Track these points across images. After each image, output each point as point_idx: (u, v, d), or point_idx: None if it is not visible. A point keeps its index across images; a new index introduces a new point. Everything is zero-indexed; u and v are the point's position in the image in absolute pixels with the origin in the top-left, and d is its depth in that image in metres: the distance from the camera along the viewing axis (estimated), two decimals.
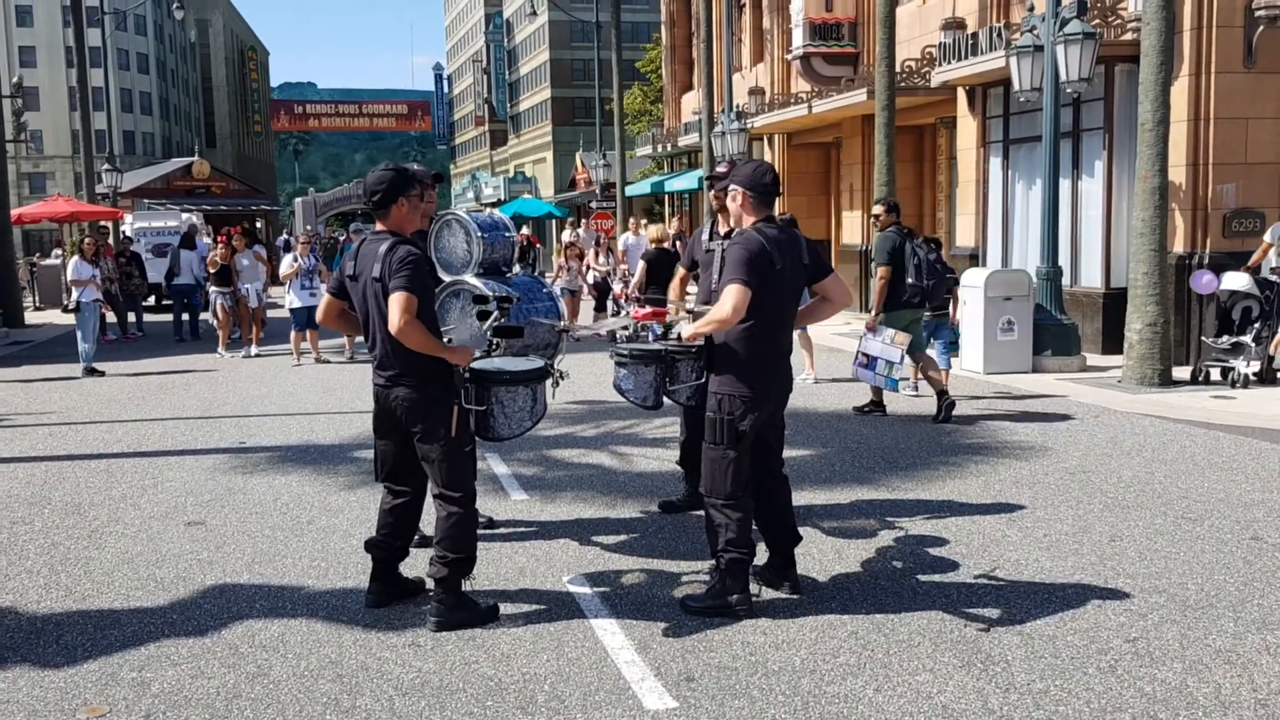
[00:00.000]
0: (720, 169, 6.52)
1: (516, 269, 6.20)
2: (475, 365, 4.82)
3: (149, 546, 5.86)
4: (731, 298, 4.49)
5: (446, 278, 5.61)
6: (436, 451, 4.68)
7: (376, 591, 5.00)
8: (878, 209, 9.73)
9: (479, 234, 5.53)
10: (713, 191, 6.38)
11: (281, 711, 3.96)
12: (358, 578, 5.40)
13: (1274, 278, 10.54)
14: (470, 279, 5.48)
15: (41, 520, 6.64)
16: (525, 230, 37.22)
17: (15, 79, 32.89)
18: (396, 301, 4.43)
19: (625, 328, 5.94)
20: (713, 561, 4.88)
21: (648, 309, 5.43)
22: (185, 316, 18.57)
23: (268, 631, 4.73)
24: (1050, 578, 5.23)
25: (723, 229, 6.40)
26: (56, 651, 4.55)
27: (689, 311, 5.44)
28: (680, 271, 6.95)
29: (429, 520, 5.13)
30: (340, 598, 5.15)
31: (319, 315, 5.11)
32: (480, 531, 6.14)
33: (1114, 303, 13.07)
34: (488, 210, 6.10)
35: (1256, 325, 10.47)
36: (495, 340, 4.87)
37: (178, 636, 4.68)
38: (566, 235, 27.97)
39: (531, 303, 5.52)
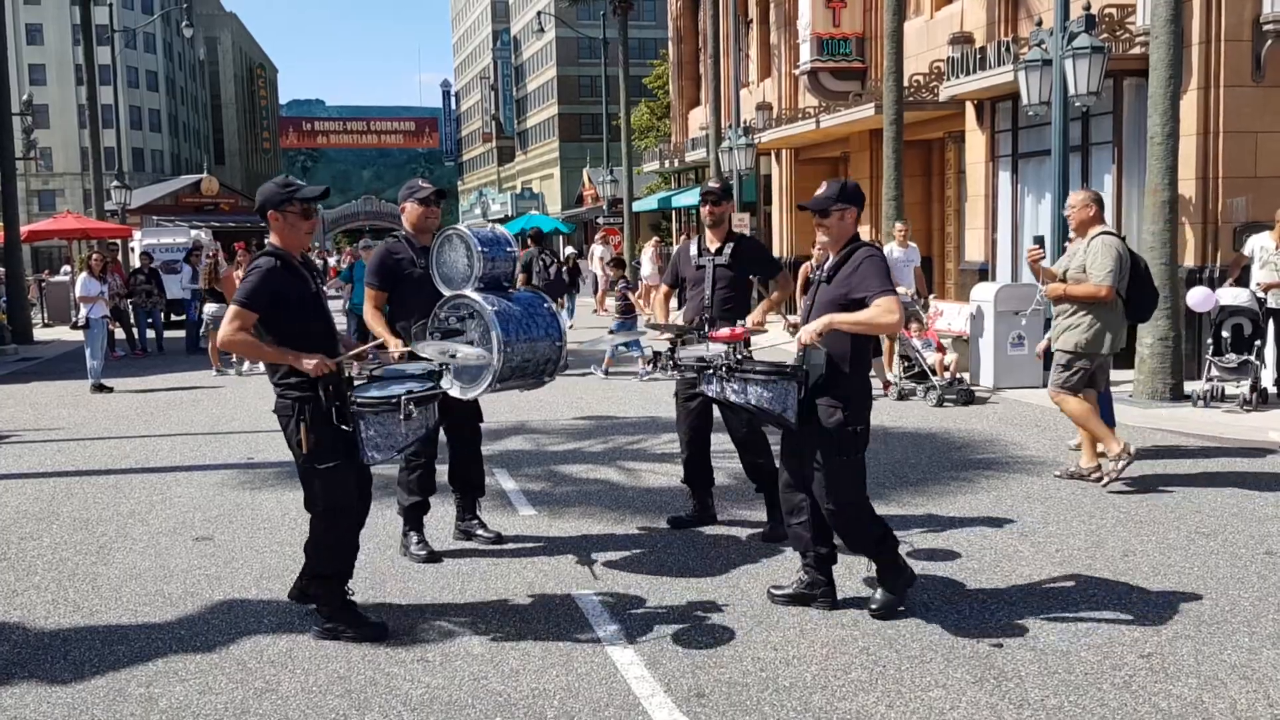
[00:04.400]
0: (712, 184, 6.49)
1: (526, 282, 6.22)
2: (368, 377, 4.87)
3: (157, 562, 5.85)
4: (895, 304, 4.66)
5: (447, 292, 5.61)
6: (299, 464, 4.74)
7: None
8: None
9: (479, 249, 5.52)
10: (706, 206, 6.32)
11: None
12: (366, 593, 5.38)
13: (1259, 293, 10.43)
14: (471, 294, 5.49)
15: (50, 536, 6.64)
16: (570, 250, 37.22)
17: (25, 97, 33.12)
18: (227, 313, 4.64)
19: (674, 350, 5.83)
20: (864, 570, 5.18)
21: (725, 330, 5.26)
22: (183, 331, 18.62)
23: (276, 647, 4.71)
24: (1063, 593, 5.19)
25: (713, 245, 6.34)
26: (64, 667, 4.53)
27: (793, 325, 5.34)
28: (663, 288, 6.74)
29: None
30: None
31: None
32: (488, 547, 6.14)
33: None
34: (491, 225, 6.07)
35: (1258, 343, 10.38)
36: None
37: (185, 652, 4.66)
38: (600, 251, 27.86)
39: (531, 319, 5.48)
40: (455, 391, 5.30)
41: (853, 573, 5.57)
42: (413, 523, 6.08)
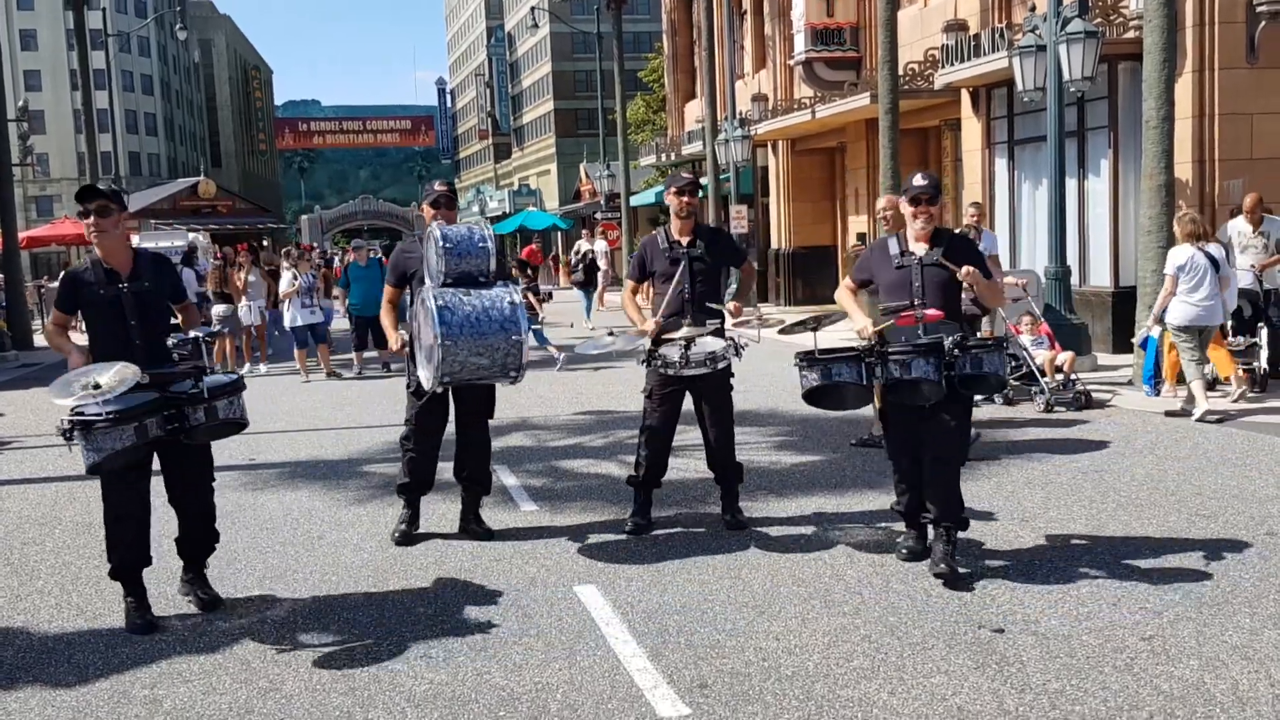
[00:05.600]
0: (684, 175, 6.49)
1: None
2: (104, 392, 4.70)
3: (160, 564, 5.83)
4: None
5: (429, 285, 5.74)
6: None
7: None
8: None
9: (442, 245, 5.68)
10: (683, 198, 6.22)
11: None
12: (368, 591, 5.40)
13: (1257, 275, 10.46)
14: (432, 290, 5.64)
15: (52, 541, 6.65)
16: (534, 245, 37.27)
17: (21, 102, 33.10)
18: None
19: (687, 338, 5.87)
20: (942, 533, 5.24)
21: (931, 310, 5.24)
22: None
23: (279, 646, 4.72)
24: (1064, 578, 5.20)
25: (683, 237, 6.23)
26: (68, 670, 4.54)
27: (886, 310, 5.40)
28: (629, 284, 6.58)
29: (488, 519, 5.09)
30: (352, 611, 5.14)
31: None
32: (490, 543, 6.15)
33: (1123, 301, 13.01)
34: (476, 222, 6.19)
35: (1260, 325, 10.38)
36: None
37: (189, 654, 4.67)
38: (601, 245, 27.63)
39: (487, 316, 5.56)
40: (425, 379, 5.63)
41: (854, 562, 5.58)
42: (404, 502, 6.30)
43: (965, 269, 5.26)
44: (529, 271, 19.62)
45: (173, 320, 5.39)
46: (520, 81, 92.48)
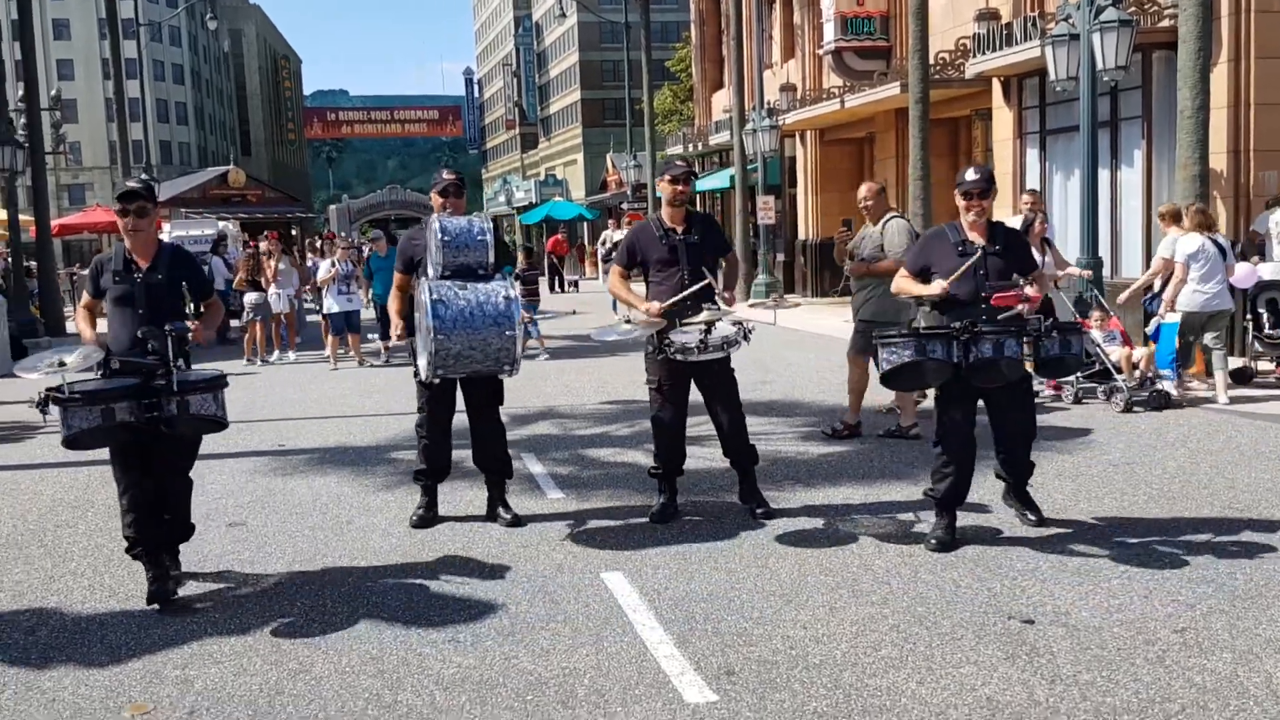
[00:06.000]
0: (680, 163, 6.50)
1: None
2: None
3: (191, 547, 5.90)
4: None
5: (433, 275, 5.86)
6: None
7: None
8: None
9: (440, 237, 5.79)
10: (678, 186, 6.17)
11: (324, 707, 3.97)
12: (397, 575, 5.43)
13: None
14: (428, 283, 5.73)
15: (85, 523, 6.72)
16: (560, 235, 37.28)
17: (54, 92, 33.39)
18: None
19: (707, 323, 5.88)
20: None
21: (1012, 293, 5.50)
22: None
23: (309, 629, 4.75)
24: (1095, 570, 5.16)
25: (677, 225, 6.18)
26: (101, 651, 4.60)
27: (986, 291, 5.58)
28: (617, 269, 6.49)
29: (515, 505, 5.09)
30: (380, 595, 5.17)
31: None
32: (517, 530, 6.17)
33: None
34: (483, 214, 6.26)
35: None
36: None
37: (220, 635, 4.71)
38: (617, 237, 27.69)
39: (481, 310, 5.62)
40: (421, 369, 5.79)
41: (883, 552, 5.56)
42: (421, 488, 6.42)
43: (1031, 295, 5.72)
44: (530, 259, 19.65)
45: (188, 312, 5.54)
46: (547, 71, 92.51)
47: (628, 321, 6.24)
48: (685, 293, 6.01)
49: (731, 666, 4.19)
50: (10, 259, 22.56)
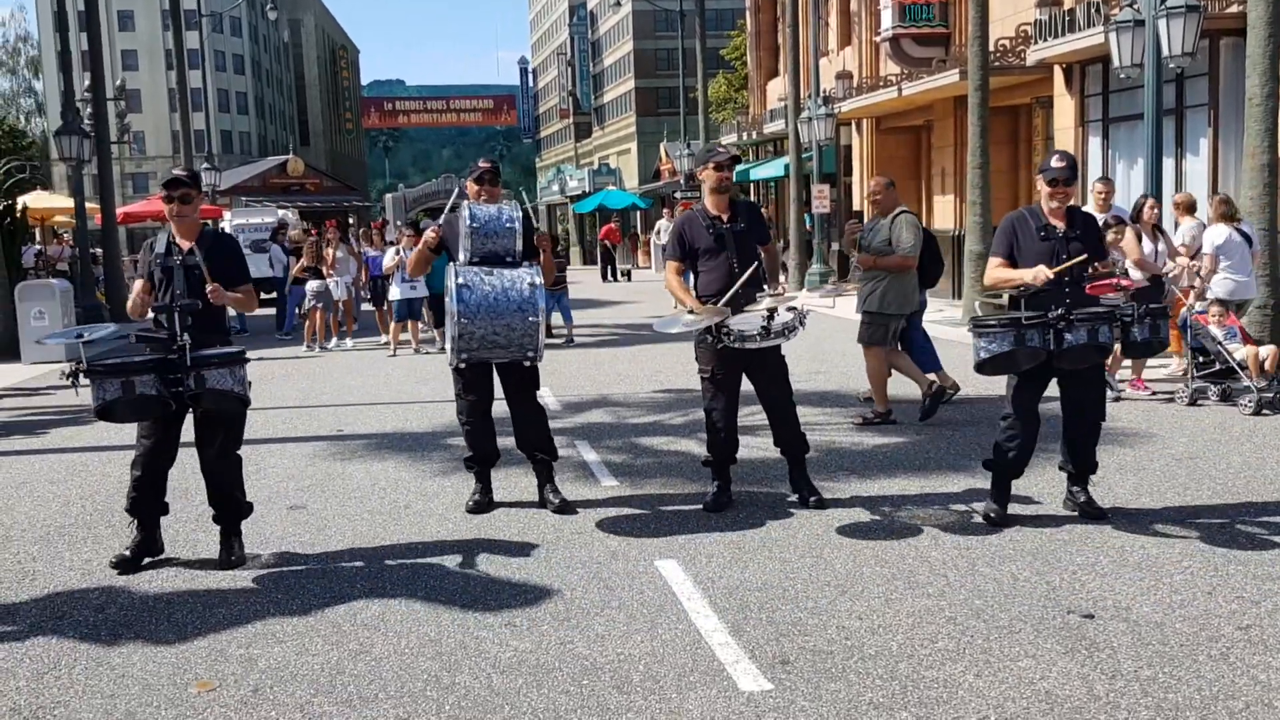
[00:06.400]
0: (723, 149, 6.48)
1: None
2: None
3: (253, 530, 6.02)
4: None
5: (461, 260, 6.00)
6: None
7: None
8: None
9: (469, 224, 5.90)
10: (723, 173, 6.17)
11: (383, 687, 4.04)
12: (454, 559, 5.50)
13: None
14: (455, 268, 5.90)
15: None
16: (613, 224, 37.34)
17: (119, 82, 34.05)
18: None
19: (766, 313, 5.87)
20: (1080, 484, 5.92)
21: (1112, 279, 5.72)
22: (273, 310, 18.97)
23: (368, 611, 4.83)
24: (1156, 565, 5.08)
25: (722, 213, 6.16)
26: (168, 629, 4.71)
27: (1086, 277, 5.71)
28: (673, 265, 6.38)
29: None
30: (438, 578, 5.24)
31: None
32: (571, 517, 6.21)
33: None
34: (512, 202, 6.32)
35: None
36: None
37: (282, 615, 4.81)
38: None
39: (506, 297, 5.73)
40: (448, 353, 6.01)
41: (939, 544, 5.52)
42: (474, 475, 6.49)
43: (1125, 284, 5.86)
44: (559, 248, 19.71)
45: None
46: (601, 60, 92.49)
47: (690, 313, 6.21)
48: (739, 281, 6.01)
49: (786, 656, 4.19)
50: (77, 247, 23.09)
